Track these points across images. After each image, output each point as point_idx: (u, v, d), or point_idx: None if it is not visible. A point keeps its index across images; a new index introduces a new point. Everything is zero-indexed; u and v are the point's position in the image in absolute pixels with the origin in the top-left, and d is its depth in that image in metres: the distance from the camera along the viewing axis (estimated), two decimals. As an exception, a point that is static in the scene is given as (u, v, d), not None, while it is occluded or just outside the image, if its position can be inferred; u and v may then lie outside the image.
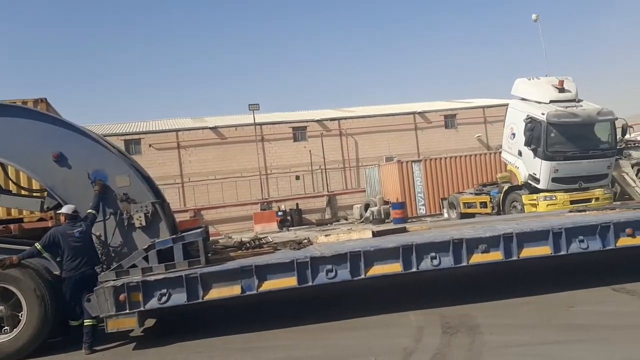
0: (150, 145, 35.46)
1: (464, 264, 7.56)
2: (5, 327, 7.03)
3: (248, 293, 7.18)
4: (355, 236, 8.68)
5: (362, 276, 7.38)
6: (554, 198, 15.84)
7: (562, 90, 16.59)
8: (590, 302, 7.23)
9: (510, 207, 17.61)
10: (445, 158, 26.53)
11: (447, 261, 7.54)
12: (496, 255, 7.63)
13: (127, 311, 6.90)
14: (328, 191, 34.06)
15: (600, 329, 6.05)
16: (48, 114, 8.16)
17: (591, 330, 6.06)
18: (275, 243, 8.72)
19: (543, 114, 15.67)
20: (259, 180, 34.90)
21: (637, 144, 25.83)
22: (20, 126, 7.56)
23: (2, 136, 7.51)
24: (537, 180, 16.20)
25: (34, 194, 8.89)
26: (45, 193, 8.19)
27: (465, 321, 6.78)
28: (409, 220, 24.88)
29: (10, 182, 8.92)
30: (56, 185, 7.63)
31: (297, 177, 35.54)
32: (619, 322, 6.25)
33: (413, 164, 26.05)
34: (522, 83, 17.19)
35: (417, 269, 7.47)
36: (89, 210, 7.41)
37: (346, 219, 29.80)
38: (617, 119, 16.20)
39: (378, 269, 7.43)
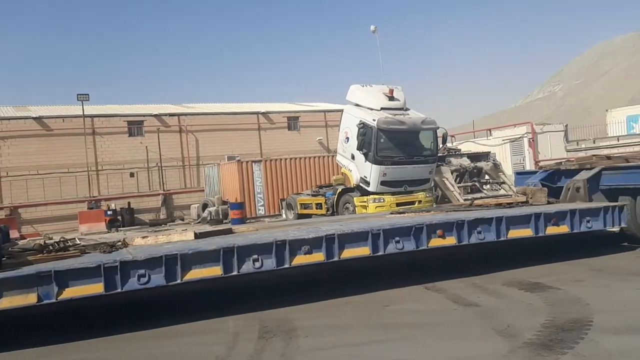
0: (-38, 134, 31.30)
1: (287, 265, 7.44)
2: None
3: (46, 302, 6.35)
4: (176, 238, 8.17)
5: (179, 281, 6.92)
6: (382, 200, 16.57)
7: (392, 98, 17.47)
8: (404, 301, 7.49)
9: (344, 209, 18.14)
10: (286, 159, 26.72)
11: (270, 263, 7.37)
12: (319, 257, 7.62)
13: None
14: (164, 190, 32.63)
15: (410, 327, 6.22)
16: None
17: (401, 328, 6.21)
18: (83, 246, 7.89)
19: (374, 120, 16.34)
20: (86, 177, 32.26)
21: (457, 152, 28.24)
22: None
23: None
24: (368, 183, 16.85)
25: None
26: None
27: (283, 324, 6.63)
28: (248, 221, 24.67)
29: None
30: None
31: (132, 174, 33.61)
32: (426, 319, 6.50)
33: (253, 164, 25.85)
34: (356, 89, 17.80)
35: (239, 272, 7.20)
36: None
37: (182, 219, 28.77)
38: (438, 128, 17.41)
39: (196, 273, 7.03)
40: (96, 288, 6.53)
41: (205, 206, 27.20)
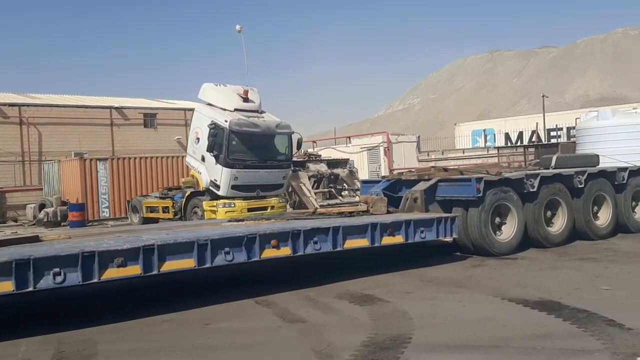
0: None
1: (95, 280, 6.54)
2: None
3: None
4: (-37, 247, 6.91)
5: (-46, 300, 5.77)
6: (233, 205, 15.95)
7: (246, 100, 16.90)
8: (228, 318, 6.93)
9: (192, 213, 17.26)
10: (135, 158, 25.13)
11: (74, 277, 6.43)
12: (134, 270, 6.80)
13: None
14: (-5, 187, 29.29)
15: (225, 350, 5.69)
16: None
17: (215, 351, 5.66)
18: None
19: (226, 121, 15.67)
20: None
21: (317, 158, 28.44)
22: None
23: None
24: (218, 187, 16.13)
25: None
26: None
27: (83, 349, 5.76)
28: (89, 224, 22.79)
29: None
30: None
31: (-41, 169, 29.85)
32: (245, 340, 5.99)
33: (98, 162, 23.95)
34: (209, 88, 17.01)
35: (35, 287, 6.18)
36: None
37: (16, 221, 25.96)
38: (293, 132, 17.15)
39: (-22, 290, 5.91)
40: None
41: (42, 206, 24.73)
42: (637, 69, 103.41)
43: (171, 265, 7.09)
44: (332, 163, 26.69)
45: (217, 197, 16.19)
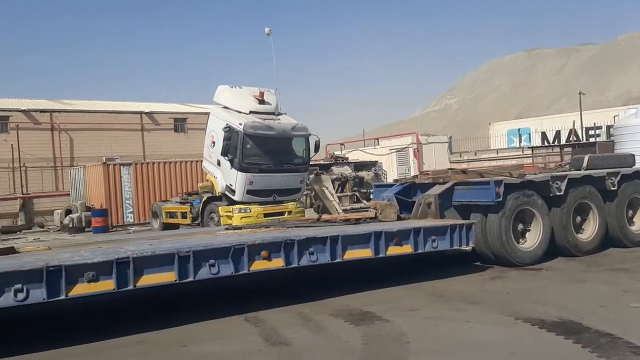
0: None
1: (62, 296, 6.02)
2: None
3: None
4: None
5: None
6: (249, 210, 15.43)
7: (262, 102, 16.35)
8: (209, 338, 6.31)
9: (209, 219, 16.81)
10: (160, 163, 24.94)
11: (38, 294, 5.91)
12: (107, 285, 6.27)
13: None
14: (23, 193, 29.56)
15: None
16: None
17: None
18: None
19: (240, 124, 15.16)
20: None
21: (343, 160, 27.76)
22: None
23: None
24: (233, 192, 15.63)
25: None
26: None
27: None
28: (113, 229, 22.69)
29: None
30: None
31: (-7, 175, 30.25)
32: (218, 366, 5.37)
33: (122, 167, 23.82)
34: (225, 90, 16.53)
35: (-6, 305, 5.70)
36: None
37: (42, 227, 26.09)
38: (310, 135, 16.51)
39: None
40: None
41: (69, 212, 24.74)
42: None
43: (149, 279, 6.52)
44: (358, 166, 25.98)
45: (234, 202, 15.69)
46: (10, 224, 26.40)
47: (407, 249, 8.28)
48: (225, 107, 16.35)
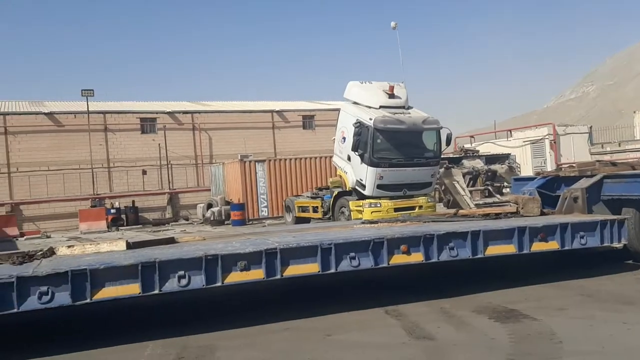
0: (-30, 129, 31.16)
1: (218, 284, 6.51)
2: None
3: None
4: (106, 248, 7.31)
5: (88, 300, 6.04)
6: (379, 205, 15.52)
7: (392, 96, 16.35)
8: (352, 329, 6.48)
9: (340, 213, 17.14)
10: (291, 159, 25.84)
11: (198, 281, 6.44)
12: (257, 274, 6.67)
13: None
14: (170, 188, 32.03)
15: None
16: None
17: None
18: (-4, 255, 7.10)
19: (371, 119, 15.28)
20: (91, 173, 31.74)
21: (474, 154, 26.94)
22: None
23: None
24: (364, 187, 15.80)
25: None
26: None
27: (202, 355, 5.71)
28: (249, 222, 23.90)
29: None
30: None
31: (144, 172, 33.11)
32: (364, 356, 5.49)
33: (256, 163, 25.02)
34: (354, 86, 16.74)
35: (160, 290, 6.29)
36: None
37: (187, 219, 28.11)
38: (441, 128, 16.22)
39: (109, 291, 6.14)
40: (-13, 307, 5.70)
41: (209, 206, 26.50)
42: None
43: (294, 270, 6.84)
44: (490, 159, 25.09)
45: (364, 197, 15.86)
46: (159, 216, 28.75)
47: (553, 245, 7.90)
48: (355, 103, 16.56)
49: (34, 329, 7.08)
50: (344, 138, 16.67)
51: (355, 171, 16.02)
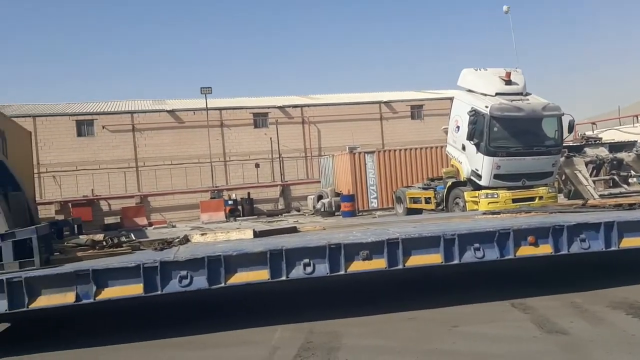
0: (103, 127, 33.99)
1: (341, 272, 6.64)
2: None
3: (84, 301, 6.18)
4: (235, 236, 7.72)
5: (222, 284, 6.42)
6: (496, 196, 15.06)
7: (508, 82, 15.75)
8: (478, 321, 6.37)
9: (454, 204, 16.81)
10: (400, 150, 25.68)
11: (322, 269, 6.62)
12: (379, 263, 6.73)
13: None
14: (282, 180, 33.00)
15: (472, 358, 5.17)
16: None
17: (462, 358, 5.18)
18: (139, 242, 7.72)
19: (487, 106, 14.84)
20: (210, 167, 33.51)
21: (597, 141, 25.28)
22: None
23: None
24: (479, 177, 15.39)
25: None
26: None
27: (329, 341, 5.87)
28: (359, 214, 24.10)
29: None
30: None
31: (257, 165, 34.43)
32: (494, 349, 5.39)
33: (366, 155, 25.12)
34: (469, 74, 16.32)
35: (287, 277, 6.55)
36: None
37: (299, 210, 28.85)
38: (563, 114, 15.39)
39: (241, 277, 6.49)
40: (135, 289, 6.23)
41: (320, 197, 27.02)
42: None
43: (416, 260, 6.83)
44: (615, 146, 23.39)
45: (479, 187, 15.45)
46: (272, 208, 29.76)
47: (699, 238, 7.25)
48: (470, 91, 16.14)
49: (195, 306, 7.64)
50: (458, 127, 16.31)
51: (471, 161, 15.64)
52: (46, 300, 6.10)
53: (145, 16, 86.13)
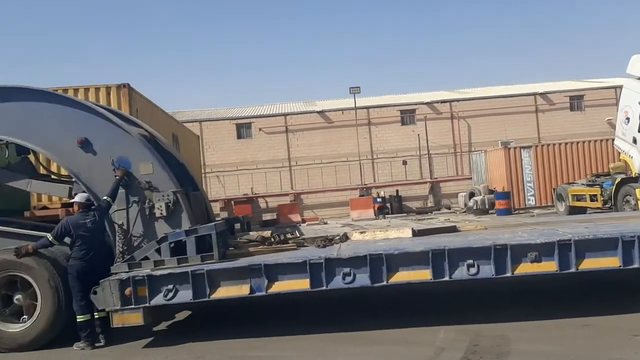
0: (260, 129, 36.05)
1: (508, 274, 6.41)
2: (24, 317, 7.05)
3: (258, 294, 6.63)
4: (393, 235, 7.77)
5: (384, 283, 6.51)
6: (676, 193, 13.60)
7: (686, 68, 14.13)
8: (664, 332, 5.79)
9: (623, 202, 15.44)
10: (561, 144, 24.06)
11: (487, 270, 6.44)
12: (549, 266, 6.38)
13: (133, 306, 6.63)
14: (431, 177, 32.52)
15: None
16: (73, 98, 8.12)
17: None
18: (303, 238, 8.07)
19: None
20: (358, 165, 34.03)
21: None
22: (46, 111, 7.54)
23: (30, 121, 7.53)
24: (655, 172, 13.99)
25: (63, 180, 8.85)
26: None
27: (497, 345, 5.71)
28: (515, 212, 23.01)
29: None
30: (81, 171, 7.50)
31: (404, 162, 34.34)
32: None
33: (522, 150, 23.89)
34: (639, 61, 14.86)
35: (450, 277, 6.46)
36: (104, 198, 7.19)
37: (449, 208, 28.25)
38: None
39: (403, 276, 6.53)
40: (303, 284, 6.55)
41: (472, 195, 26.22)
42: None
43: (591, 263, 6.36)
44: None
45: (655, 184, 14.04)
46: (420, 205, 29.50)
47: None
48: (642, 78, 14.72)
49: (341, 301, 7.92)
50: (628, 118, 14.96)
51: (645, 155, 14.25)
52: (224, 291, 6.63)
53: (297, 22, 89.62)
